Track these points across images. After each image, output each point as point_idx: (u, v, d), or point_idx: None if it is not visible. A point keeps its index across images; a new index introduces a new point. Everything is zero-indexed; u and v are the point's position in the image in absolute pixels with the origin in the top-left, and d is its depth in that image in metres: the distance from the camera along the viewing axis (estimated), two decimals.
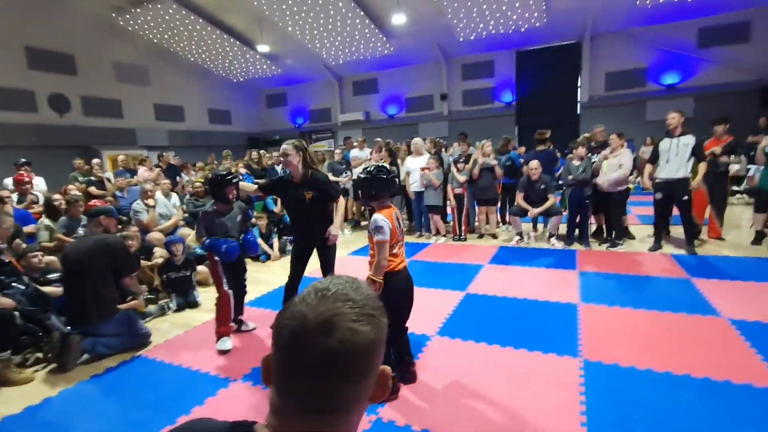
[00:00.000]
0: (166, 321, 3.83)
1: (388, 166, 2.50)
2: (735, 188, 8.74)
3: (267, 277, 5.07)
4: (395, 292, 2.34)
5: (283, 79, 16.82)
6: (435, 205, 6.44)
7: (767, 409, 2.13)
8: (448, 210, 6.69)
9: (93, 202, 4.49)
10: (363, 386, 0.59)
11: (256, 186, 3.59)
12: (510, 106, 14.44)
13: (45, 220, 4.49)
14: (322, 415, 0.57)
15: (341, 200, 3.26)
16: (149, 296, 4.18)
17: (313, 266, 3.38)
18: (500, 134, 9.07)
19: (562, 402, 2.28)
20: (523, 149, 9.36)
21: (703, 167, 4.94)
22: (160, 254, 4.52)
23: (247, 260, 5.85)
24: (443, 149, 8.10)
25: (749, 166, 7.88)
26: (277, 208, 6.73)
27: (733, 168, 7.44)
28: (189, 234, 5.14)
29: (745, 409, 2.15)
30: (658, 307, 3.46)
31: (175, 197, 5.95)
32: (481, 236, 6.57)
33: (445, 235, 6.61)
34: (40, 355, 3.07)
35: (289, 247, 6.17)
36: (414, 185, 6.54)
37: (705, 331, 3.03)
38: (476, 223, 6.86)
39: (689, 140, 4.86)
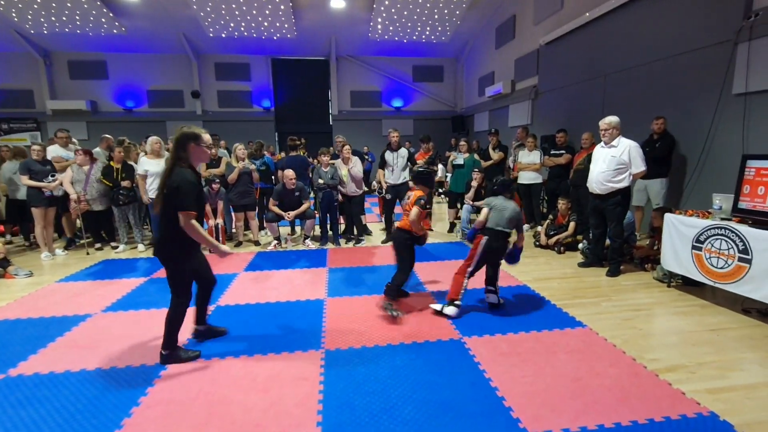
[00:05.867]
0: None
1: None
2: (440, 190, 11.55)
3: None
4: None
5: None
6: None
7: (448, 355, 2.83)
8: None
9: None
10: None
11: None
12: (269, 111, 14.56)
13: None
14: None
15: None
16: None
17: None
18: (261, 138, 9.02)
19: (303, 396, 2.38)
20: (282, 154, 9.58)
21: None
22: None
23: None
24: None
25: (447, 174, 10.57)
26: None
27: (436, 175, 9.76)
28: None
29: (436, 358, 2.79)
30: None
31: None
32: (239, 244, 6.31)
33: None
34: None
35: None
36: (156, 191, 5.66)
37: (416, 305, 3.80)
38: (233, 230, 6.55)
39: (404, 152, 6.11)
